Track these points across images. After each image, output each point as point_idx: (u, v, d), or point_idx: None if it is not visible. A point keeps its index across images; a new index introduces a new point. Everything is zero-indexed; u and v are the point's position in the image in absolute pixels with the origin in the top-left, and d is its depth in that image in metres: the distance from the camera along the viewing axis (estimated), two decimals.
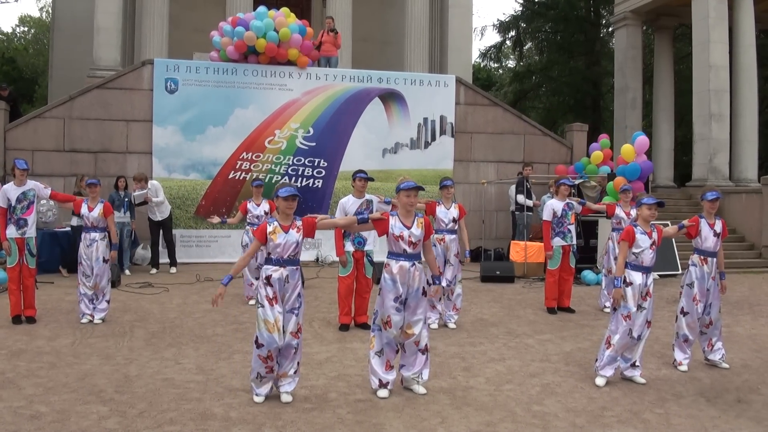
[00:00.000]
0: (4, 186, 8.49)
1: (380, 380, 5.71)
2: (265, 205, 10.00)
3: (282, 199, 5.49)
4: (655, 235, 6.27)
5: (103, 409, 5.21)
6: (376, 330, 5.77)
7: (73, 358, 6.70)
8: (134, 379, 6.02)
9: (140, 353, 6.93)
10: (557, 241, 9.57)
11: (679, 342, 6.89)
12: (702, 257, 6.88)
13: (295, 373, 5.58)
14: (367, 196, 8.17)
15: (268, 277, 5.44)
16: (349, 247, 8.17)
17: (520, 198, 14.34)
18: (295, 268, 5.54)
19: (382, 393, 5.66)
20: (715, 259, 6.90)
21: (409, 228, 5.66)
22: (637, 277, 6.20)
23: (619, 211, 10.01)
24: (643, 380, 6.28)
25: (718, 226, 6.91)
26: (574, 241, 9.74)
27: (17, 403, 5.31)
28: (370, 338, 5.87)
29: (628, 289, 6.16)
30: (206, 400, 5.46)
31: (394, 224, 5.67)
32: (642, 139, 13.57)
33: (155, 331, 7.96)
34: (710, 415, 5.42)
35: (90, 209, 8.48)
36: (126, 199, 12.46)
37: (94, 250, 8.44)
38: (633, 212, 9.89)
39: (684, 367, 6.75)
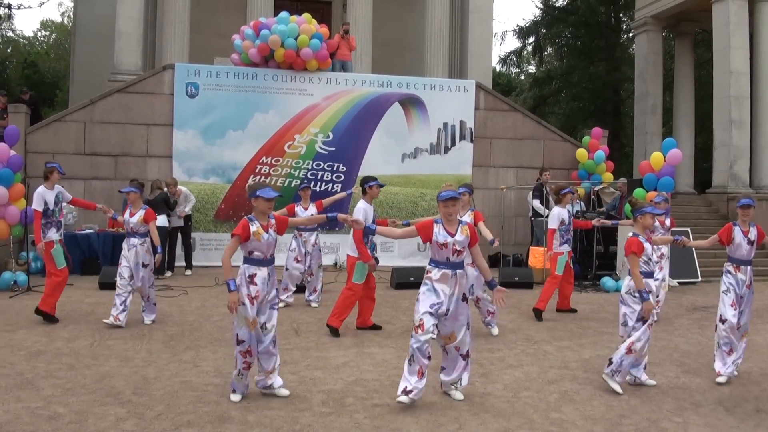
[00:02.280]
0: (39, 189, 8.49)
1: (405, 388, 5.48)
2: (312, 208, 9.92)
3: (264, 200, 5.53)
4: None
5: (120, 410, 5.24)
6: (412, 335, 5.75)
7: (91, 359, 6.74)
8: (152, 381, 6.05)
9: (159, 356, 6.97)
10: (565, 248, 9.63)
11: (721, 352, 6.64)
12: (735, 265, 6.73)
13: (277, 366, 5.72)
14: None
15: (252, 276, 5.50)
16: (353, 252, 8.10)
17: (536, 204, 14.27)
18: (273, 266, 5.66)
19: (402, 399, 5.47)
20: (749, 267, 6.73)
21: (453, 236, 5.51)
22: (652, 285, 6.17)
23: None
24: (653, 381, 6.30)
25: (753, 233, 6.73)
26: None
27: (35, 403, 5.35)
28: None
29: (650, 297, 6.07)
30: (224, 403, 5.47)
31: (438, 232, 5.51)
32: (675, 152, 13.11)
33: (174, 334, 8.01)
34: (729, 424, 5.36)
35: (131, 215, 8.52)
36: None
37: (133, 255, 8.44)
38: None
39: (722, 378, 6.49)
